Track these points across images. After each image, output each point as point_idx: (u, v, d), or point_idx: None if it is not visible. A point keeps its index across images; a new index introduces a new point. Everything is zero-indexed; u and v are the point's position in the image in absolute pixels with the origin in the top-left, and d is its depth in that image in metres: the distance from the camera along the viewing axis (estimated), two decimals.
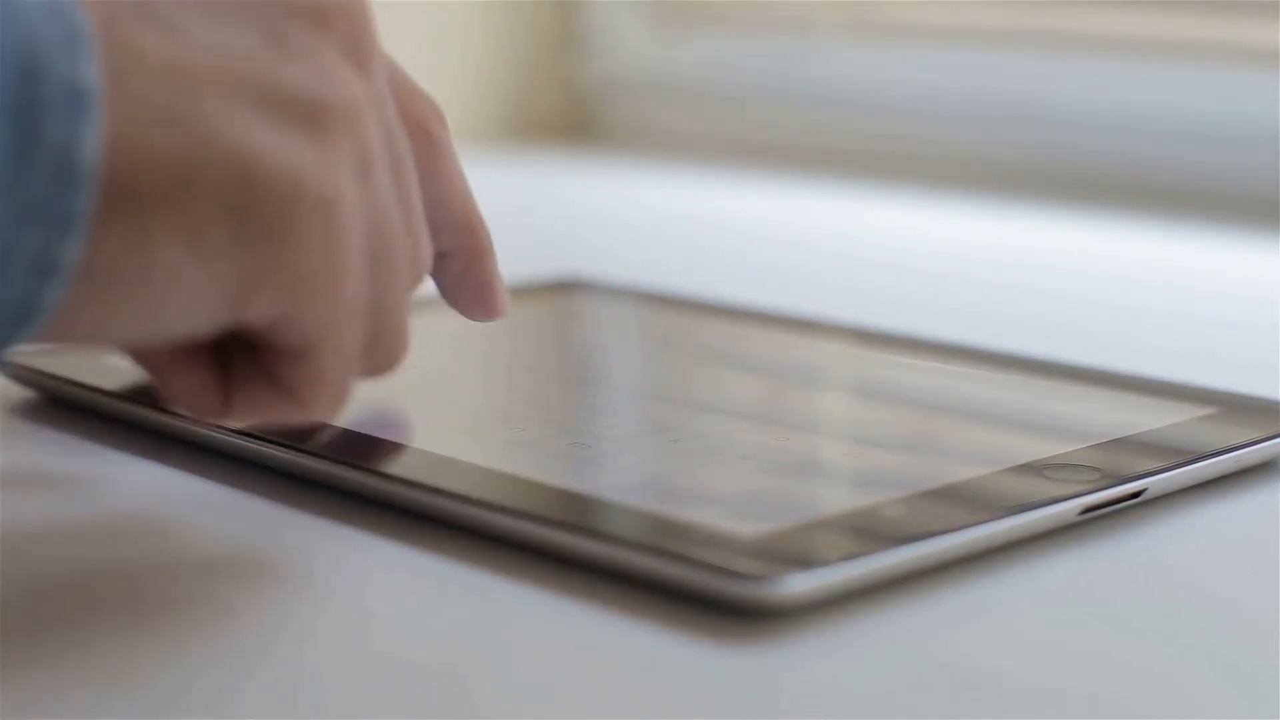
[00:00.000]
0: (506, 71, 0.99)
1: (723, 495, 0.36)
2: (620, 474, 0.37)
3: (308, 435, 0.37)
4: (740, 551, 0.31)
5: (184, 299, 0.28)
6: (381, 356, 0.32)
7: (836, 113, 0.91)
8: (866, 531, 0.32)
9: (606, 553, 0.32)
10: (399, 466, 0.36)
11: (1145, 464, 0.36)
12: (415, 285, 0.33)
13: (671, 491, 0.36)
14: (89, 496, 0.37)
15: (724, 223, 0.76)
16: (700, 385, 0.47)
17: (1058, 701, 0.28)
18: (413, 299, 0.32)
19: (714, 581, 0.30)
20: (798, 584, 0.30)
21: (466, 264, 0.36)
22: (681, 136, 0.96)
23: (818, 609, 0.30)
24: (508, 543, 0.33)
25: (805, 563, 0.31)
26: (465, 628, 0.31)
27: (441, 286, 0.36)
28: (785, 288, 0.59)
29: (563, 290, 0.55)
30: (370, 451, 0.37)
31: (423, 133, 0.34)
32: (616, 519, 0.34)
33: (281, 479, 0.37)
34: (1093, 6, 0.85)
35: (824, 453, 0.40)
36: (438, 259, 0.35)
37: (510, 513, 0.33)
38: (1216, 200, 0.77)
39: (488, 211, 0.36)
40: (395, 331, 0.32)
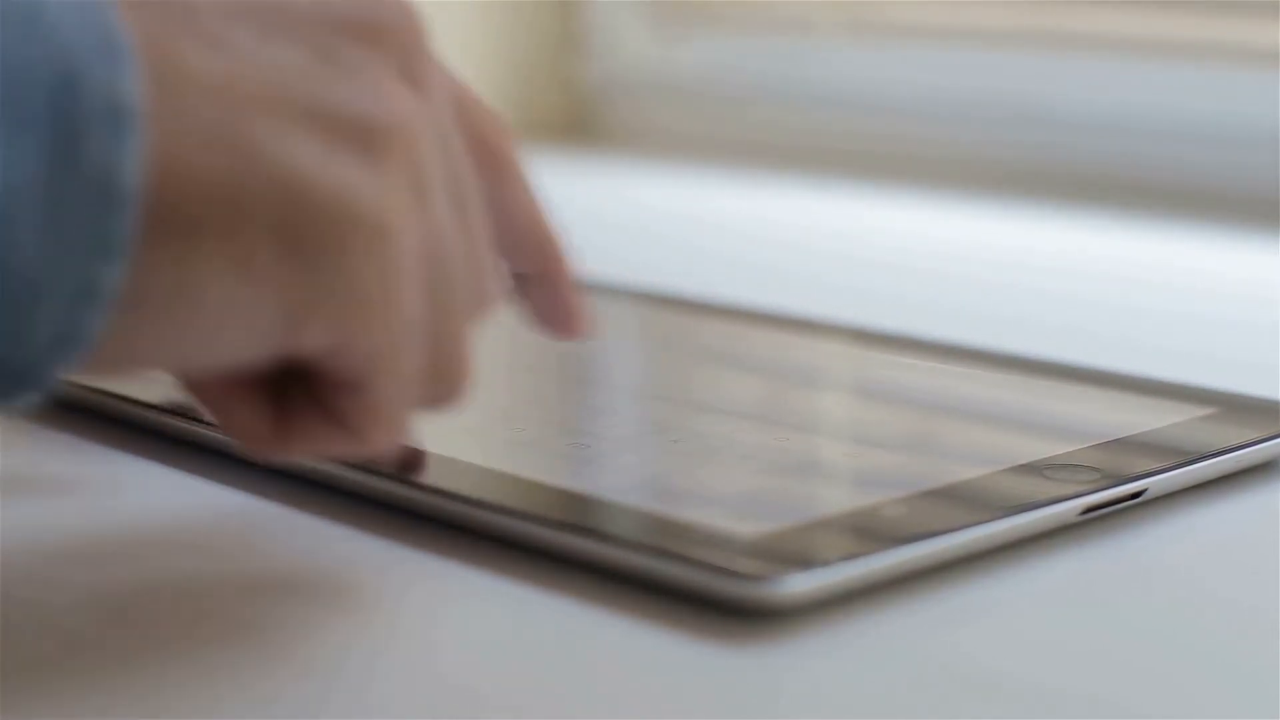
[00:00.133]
0: (506, 71, 0.98)
1: (723, 495, 0.36)
2: (620, 474, 0.37)
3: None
4: (740, 551, 0.31)
5: (233, 326, 0.27)
6: (442, 388, 0.30)
7: (836, 113, 0.91)
8: (866, 531, 0.32)
9: (607, 553, 0.32)
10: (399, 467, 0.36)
11: (1146, 464, 0.36)
12: (481, 313, 0.31)
13: (671, 491, 0.36)
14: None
15: (724, 223, 0.76)
16: (700, 385, 0.47)
17: (1058, 701, 0.28)
18: (478, 328, 0.31)
19: (714, 581, 0.30)
20: (798, 584, 0.30)
21: (543, 284, 0.35)
22: (681, 136, 0.96)
23: (818, 609, 0.30)
24: (507, 543, 0.33)
25: (805, 563, 0.31)
26: (464, 627, 0.31)
27: (523, 308, 0.35)
28: (785, 288, 0.59)
29: None
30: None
31: (489, 151, 0.33)
32: (617, 519, 0.34)
33: (284, 480, 0.36)
34: (1093, 6, 0.85)
35: (824, 453, 0.40)
36: (517, 280, 0.34)
37: (510, 513, 0.33)
38: (1216, 200, 0.76)
39: None
40: (456, 362, 0.30)
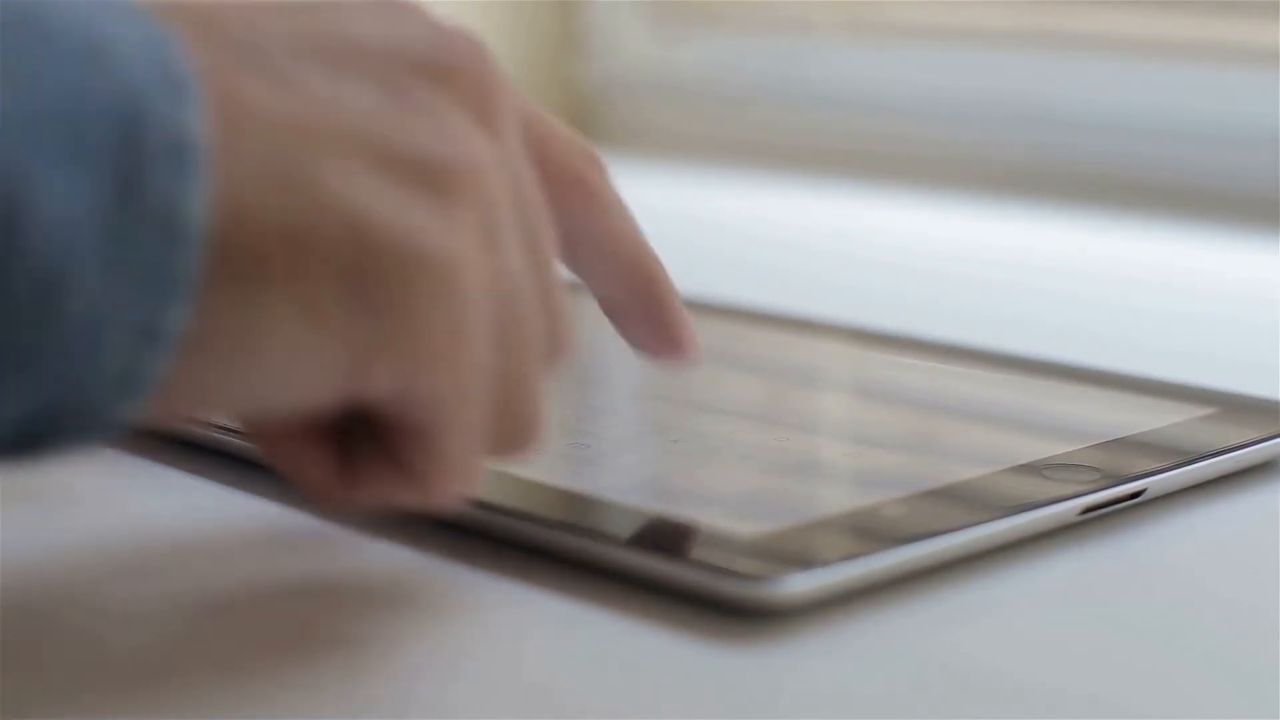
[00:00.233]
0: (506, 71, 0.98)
1: (723, 495, 0.36)
2: (620, 474, 0.37)
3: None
4: (740, 551, 0.31)
5: (298, 369, 0.27)
6: (512, 437, 0.30)
7: (836, 113, 0.91)
8: (866, 531, 0.32)
9: (607, 553, 0.32)
10: None
11: (1145, 464, 0.36)
12: (553, 360, 0.30)
13: (671, 491, 0.36)
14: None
15: (724, 223, 0.76)
16: (700, 385, 0.47)
17: (1058, 701, 0.28)
18: (551, 375, 0.30)
19: (714, 581, 0.30)
20: (798, 584, 0.30)
21: (645, 309, 0.34)
22: (681, 136, 0.96)
23: (818, 609, 0.30)
24: (507, 543, 0.33)
25: (805, 563, 0.31)
26: (464, 627, 0.31)
27: (625, 335, 0.35)
28: (785, 288, 0.59)
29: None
30: None
31: (577, 183, 0.32)
32: (617, 519, 0.34)
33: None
34: (1093, 6, 0.85)
35: (824, 453, 0.40)
36: (615, 308, 0.34)
37: (510, 513, 0.33)
38: (1216, 200, 0.76)
39: None
40: (527, 409, 0.30)
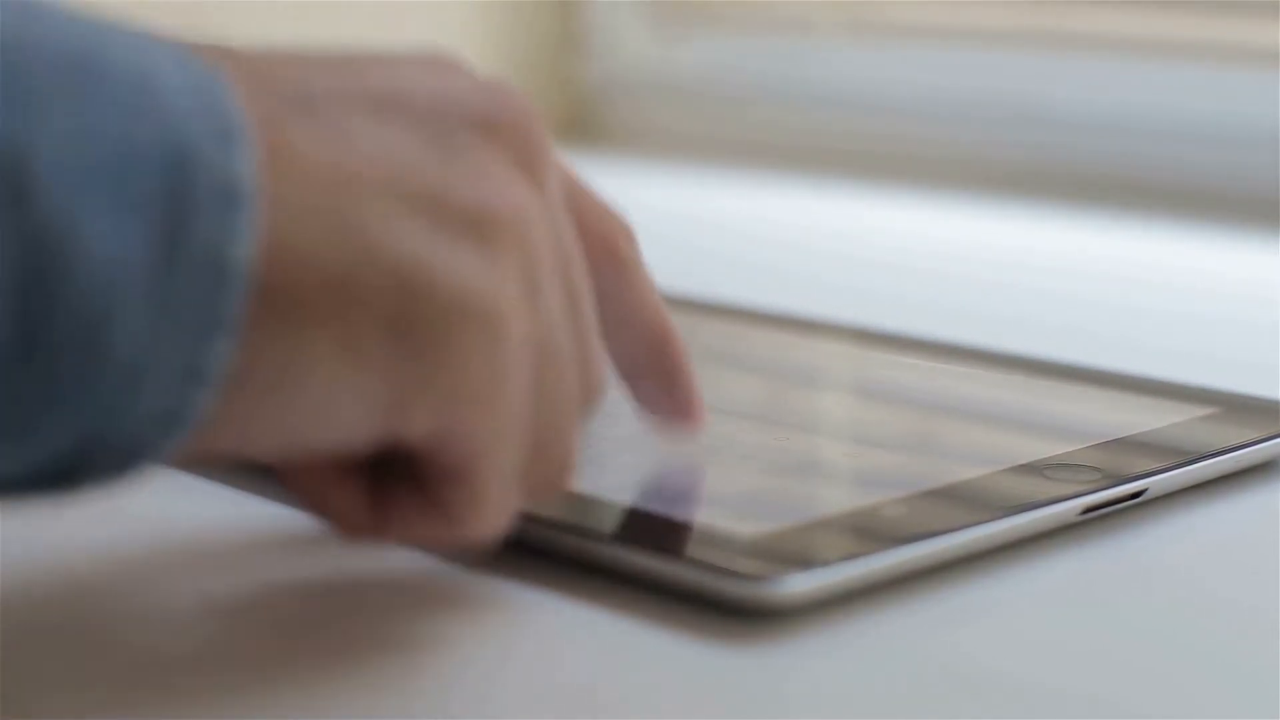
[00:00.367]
0: (506, 71, 0.98)
1: (723, 495, 0.36)
2: (620, 474, 0.37)
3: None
4: (740, 551, 0.31)
5: (339, 410, 0.27)
6: (545, 478, 0.30)
7: (836, 113, 0.91)
8: (866, 531, 0.32)
9: (607, 552, 0.32)
10: None
11: (1146, 464, 0.36)
12: (587, 408, 0.31)
13: (671, 491, 0.36)
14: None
15: (724, 223, 0.76)
16: (700, 385, 0.47)
17: (1058, 701, 0.28)
18: (585, 421, 0.31)
19: (714, 581, 0.30)
20: (798, 584, 0.30)
21: (661, 381, 0.35)
22: (681, 136, 0.96)
23: (818, 609, 0.30)
24: (507, 542, 0.33)
25: (805, 563, 0.31)
26: (464, 627, 0.31)
27: (637, 399, 0.35)
28: (785, 288, 0.59)
29: None
30: None
31: (608, 251, 0.33)
32: (617, 519, 0.34)
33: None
34: (1093, 6, 0.85)
35: (824, 453, 0.40)
36: (633, 375, 0.35)
37: None
38: (1216, 200, 0.76)
39: None
40: (560, 454, 0.30)
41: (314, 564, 0.33)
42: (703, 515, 0.33)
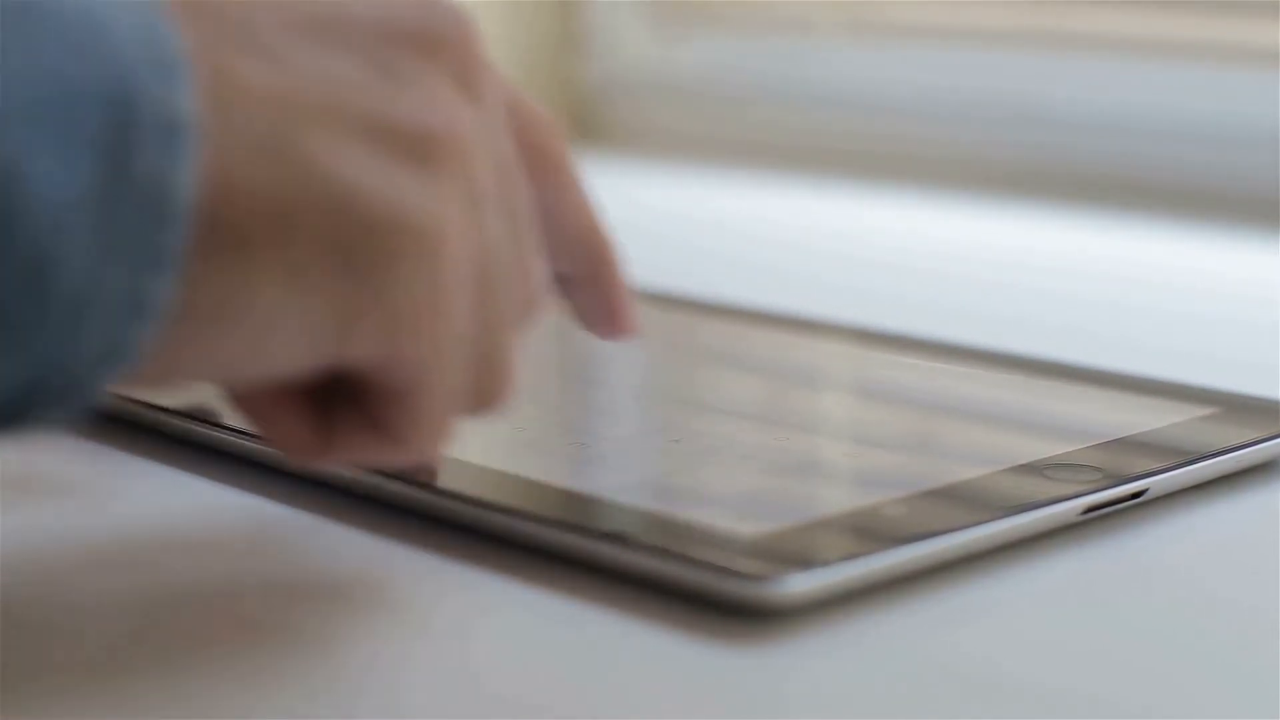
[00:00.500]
0: (506, 71, 0.98)
1: (723, 495, 0.36)
2: (620, 474, 0.37)
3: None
4: (740, 551, 0.31)
5: (282, 337, 0.27)
6: (485, 397, 0.31)
7: (836, 113, 0.91)
8: (866, 531, 0.32)
9: (607, 553, 0.32)
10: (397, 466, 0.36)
11: (1146, 464, 0.36)
12: (525, 321, 0.31)
13: (672, 491, 0.36)
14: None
15: (724, 223, 0.76)
16: (700, 385, 0.47)
17: (1058, 701, 0.28)
18: (523, 337, 0.31)
19: (715, 581, 0.30)
20: (798, 584, 0.30)
21: (594, 285, 0.35)
22: (681, 136, 0.96)
23: (818, 609, 0.30)
24: (507, 542, 0.33)
25: (805, 563, 0.31)
26: (463, 627, 0.31)
27: (571, 308, 0.35)
28: (785, 288, 0.59)
29: None
30: None
31: (541, 154, 0.33)
32: (617, 519, 0.34)
33: (280, 476, 0.36)
34: (1093, 6, 0.85)
35: (824, 453, 0.40)
36: (564, 280, 0.35)
37: (511, 512, 0.33)
38: (1216, 200, 0.76)
39: None
40: (500, 371, 0.30)
41: (310, 558, 0.33)
42: (703, 515, 0.33)
